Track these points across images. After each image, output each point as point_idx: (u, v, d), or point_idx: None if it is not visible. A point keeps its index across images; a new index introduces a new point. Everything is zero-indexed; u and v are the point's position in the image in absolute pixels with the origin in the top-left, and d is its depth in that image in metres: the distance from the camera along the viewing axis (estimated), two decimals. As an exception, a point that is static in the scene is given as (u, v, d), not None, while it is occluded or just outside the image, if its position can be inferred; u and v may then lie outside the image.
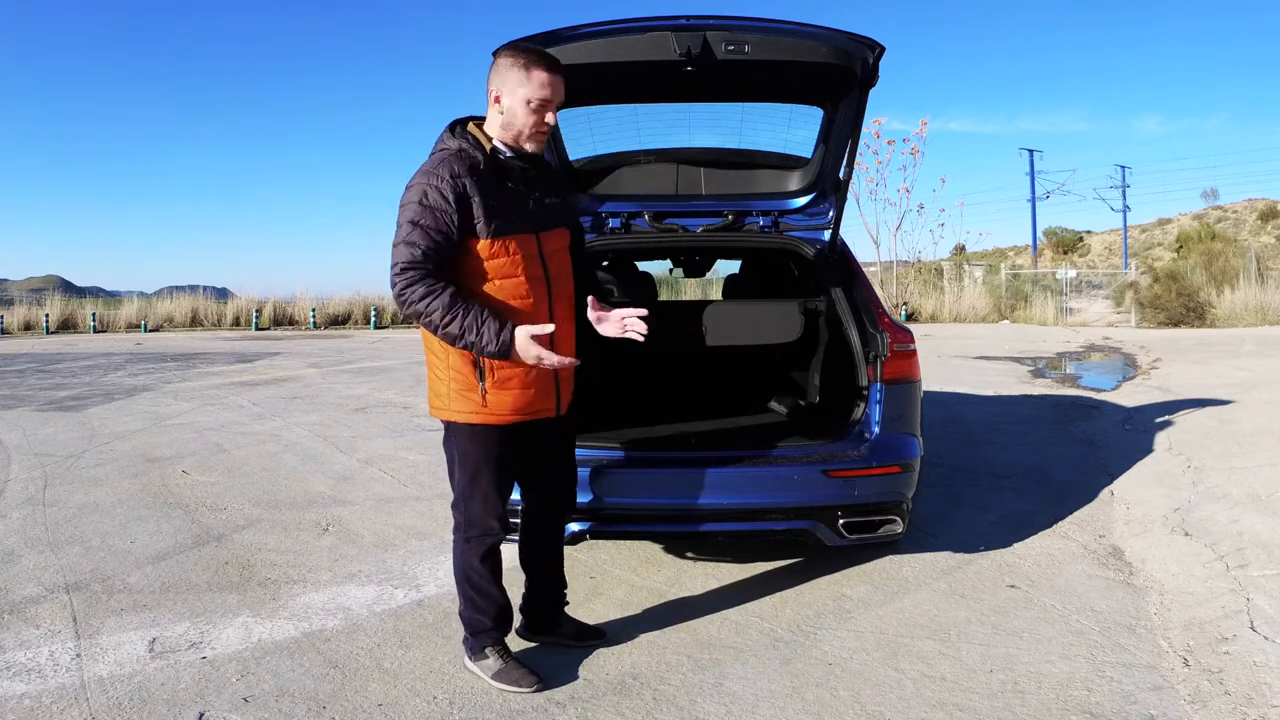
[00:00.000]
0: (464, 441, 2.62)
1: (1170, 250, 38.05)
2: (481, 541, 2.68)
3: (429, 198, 2.40)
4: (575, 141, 3.97)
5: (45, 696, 2.64)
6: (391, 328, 24.56)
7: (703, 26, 3.04)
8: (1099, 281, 26.24)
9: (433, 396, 2.65)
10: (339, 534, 4.29)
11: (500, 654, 2.72)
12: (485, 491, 2.65)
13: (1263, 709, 2.43)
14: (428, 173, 2.44)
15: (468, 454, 2.63)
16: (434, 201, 2.40)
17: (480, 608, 2.72)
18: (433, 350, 2.60)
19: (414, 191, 2.43)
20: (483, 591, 2.71)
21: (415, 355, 14.64)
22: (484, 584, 2.71)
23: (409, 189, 2.45)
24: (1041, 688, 2.63)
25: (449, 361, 2.55)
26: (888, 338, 3.41)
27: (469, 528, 2.68)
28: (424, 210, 2.39)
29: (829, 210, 3.95)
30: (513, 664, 2.71)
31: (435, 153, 2.53)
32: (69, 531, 4.33)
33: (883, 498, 3.26)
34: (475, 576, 2.70)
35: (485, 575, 2.70)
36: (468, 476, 2.65)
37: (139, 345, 17.93)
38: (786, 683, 2.70)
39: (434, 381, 2.63)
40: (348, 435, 6.87)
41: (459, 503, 2.70)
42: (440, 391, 2.60)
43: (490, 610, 2.72)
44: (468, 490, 2.66)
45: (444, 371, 2.57)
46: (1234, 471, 4.90)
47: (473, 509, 2.67)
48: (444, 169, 2.43)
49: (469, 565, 2.70)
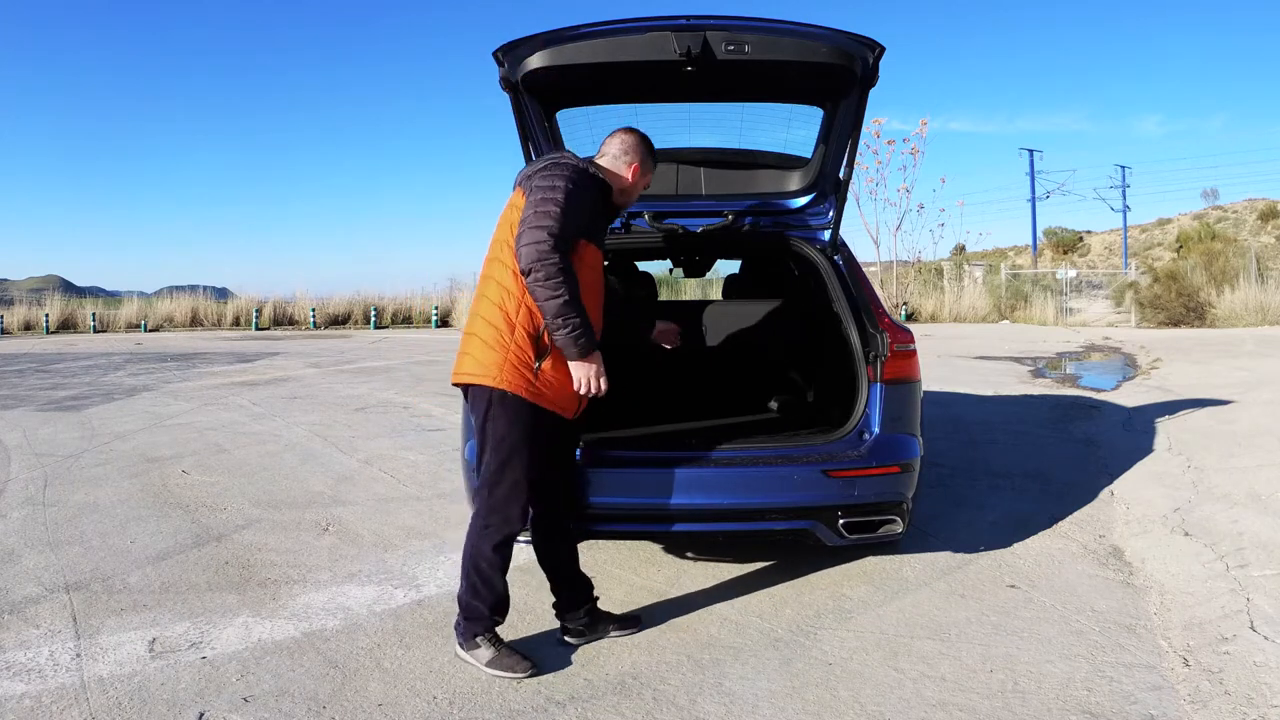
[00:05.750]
0: (504, 423, 2.67)
1: (1170, 250, 38.07)
2: (499, 530, 2.73)
3: (578, 196, 2.68)
4: (575, 141, 3.96)
5: (45, 696, 2.64)
6: (391, 327, 24.57)
7: (703, 26, 3.04)
8: (1099, 281, 26.25)
9: (475, 365, 2.68)
10: (339, 534, 4.29)
11: (492, 642, 2.77)
12: (515, 478, 2.70)
13: (1263, 709, 2.43)
14: (578, 177, 2.72)
15: (505, 437, 2.67)
16: (581, 201, 2.69)
17: (481, 595, 2.77)
18: (493, 321, 2.68)
19: (565, 183, 2.67)
20: (487, 580, 2.76)
21: (415, 355, 14.65)
22: (490, 573, 2.76)
23: (558, 178, 2.67)
24: (1041, 688, 2.63)
25: (514, 335, 2.65)
26: (888, 338, 3.41)
27: (490, 514, 2.73)
28: (574, 204, 2.65)
29: (829, 210, 3.94)
30: (505, 650, 2.77)
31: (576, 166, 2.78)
32: (69, 531, 4.33)
33: (883, 498, 3.26)
34: (484, 564, 2.74)
35: (494, 565, 2.75)
36: (500, 460, 2.69)
37: (139, 345, 17.93)
38: (786, 683, 2.70)
39: (484, 351, 2.67)
40: (348, 435, 6.87)
41: (483, 489, 2.74)
42: (491, 361, 2.66)
43: (490, 599, 2.77)
44: (497, 475, 2.70)
45: (505, 341, 2.65)
46: (1234, 471, 4.90)
47: (497, 494, 2.71)
48: (589, 181, 2.78)
49: (480, 552, 2.74)
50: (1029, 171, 37.34)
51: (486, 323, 2.69)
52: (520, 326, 2.66)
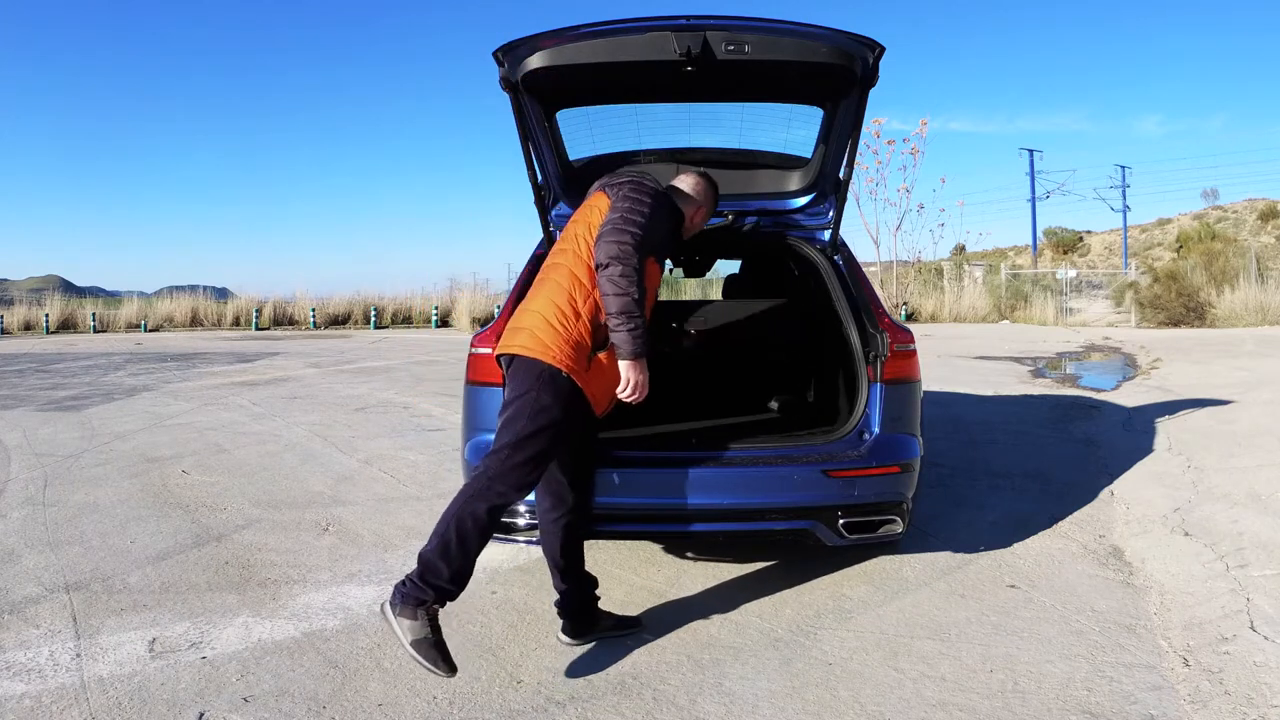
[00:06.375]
0: (549, 396, 2.69)
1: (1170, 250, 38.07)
2: (503, 496, 2.62)
3: (660, 216, 2.90)
4: (575, 141, 3.96)
5: (45, 696, 2.64)
6: (391, 327, 24.57)
7: (703, 26, 3.04)
8: (1099, 281, 26.27)
9: (532, 340, 2.74)
10: (339, 534, 4.29)
11: (431, 622, 2.54)
12: (541, 448, 2.68)
13: (1263, 709, 2.43)
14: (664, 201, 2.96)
15: (548, 408, 2.68)
16: (662, 221, 2.92)
17: (450, 555, 2.56)
18: (559, 304, 2.78)
19: (654, 201, 2.89)
20: (465, 541, 2.57)
21: (415, 355, 14.65)
22: (473, 535, 2.58)
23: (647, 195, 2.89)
24: (1041, 688, 2.63)
25: (578, 322, 2.77)
26: (888, 338, 3.41)
27: (501, 476, 2.62)
28: (657, 221, 2.87)
29: (829, 210, 3.94)
30: (438, 640, 2.53)
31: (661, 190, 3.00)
32: (69, 531, 4.33)
33: (883, 498, 3.26)
34: (470, 523, 2.58)
35: (480, 528, 2.60)
36: (536, 427, 2.66)
37: (139, 345, 17.93)
38: (786, 683, 2.70)
39: (546, 329, 2.75)
40: (348, 435, 6.87)
41: (503, 450, 2.65)
42: (551, 340, 2.73)
43: (457, 563, 2.57)
44: (524, 441, 2.65)
45: (568, 325, 2.75)
46: (1234, 471, 4.90)
47: (516, 459, 2.64)
48: (671, 207, 3.03)
49: (472, 511, 2.59)
50: (1029, 171, 37.38)
51: (552, 304, 2.79)
52: (585, 316, 2.77)
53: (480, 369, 3.39)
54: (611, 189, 2.94)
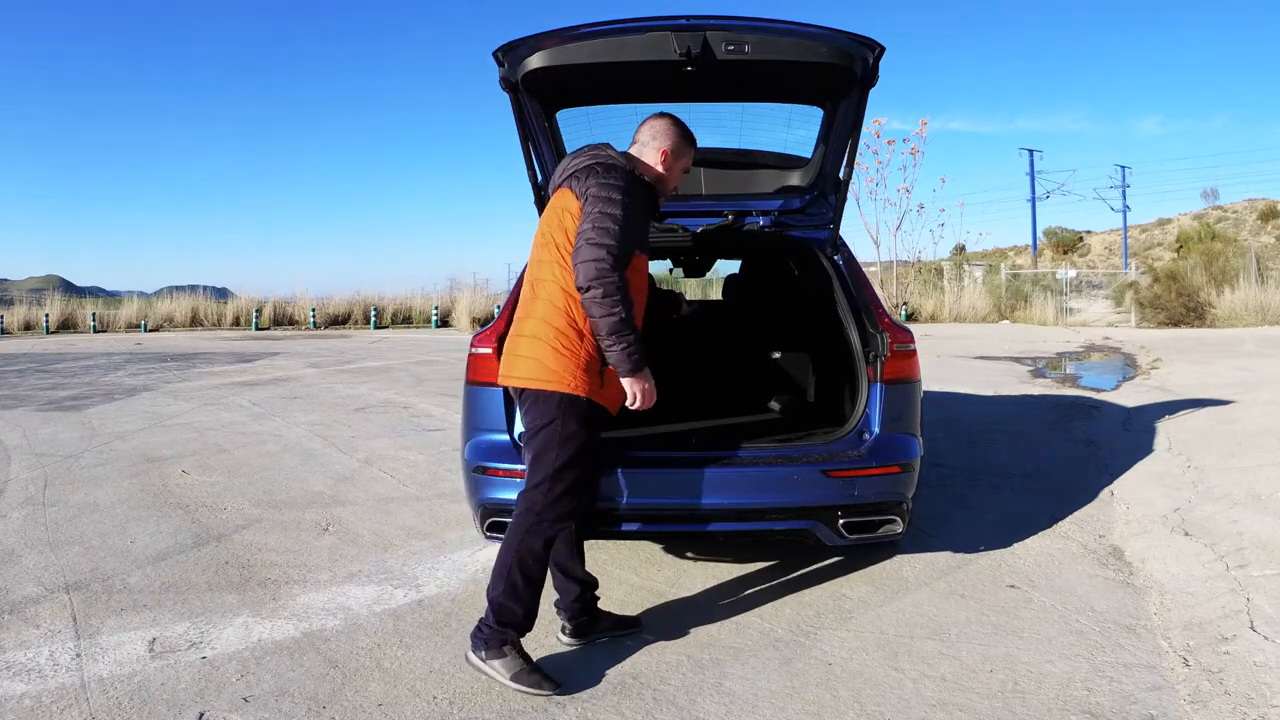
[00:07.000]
0: (574, 422, 2.68)
1: (1170, 250, 38.07)
2: (553, 526, 2.69)
3: (634, 209, 2.69)
4: (575, 141, 3.96)
5: (45, 696, 2.64)
6: (391, 327, 24.58)
7: (703, 26, 3.04)
8: (1099, 281, 26.27)
9: (543, 370, 2.67)
10: (339, 534, 4.29)
11: (520, 653, 2.68)
12: (580, 474, 2.70)
13: (1263, 709, 2.43)
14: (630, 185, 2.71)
15: (575, 434, 2.67)
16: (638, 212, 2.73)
17: (520, 596, 2.67)
18: (558, 326, 2.68)
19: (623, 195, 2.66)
20: (531, 579, 2.68)
21: (415, 355, 14.65)
22: (537, 572, 2.69)
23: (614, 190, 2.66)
24: (1041, 688, 2.63)
25: (584, 342, 2.68)
26: (888, 338, 3.41)
27: (548, 509, 2.67)
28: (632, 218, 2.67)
29: (829, 210, 3.94)
30: (533, 666, 2.68)
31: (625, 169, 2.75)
32: (69, 531, 4.33)
33: (883, 498, 3.26)
34: (532, 562, 2.68)
35: (542, 563, 2.71)
36: (569, 455, 2.67)
37: (139, 345, 17.93)
38: (786, 683, 2.70)
39: (551, 355, 2.67)
40: (348, 435, 6.87)
41: (544, 483, 2.68)
42: (563, 367, 2.66)
43: (528, 601, 2.69)
44: (561, 472, 2.67)
45: (574, 346, 2.67)
46: (1234, 471, 4.90)
47: (557, 490, 2.67)
48: (638, 186, 2.77)
49: (530, 548, 2.67)
50: (1029, 171, 37.40)
51: (549, 326, 2.68)
52: (588, 333, 2.68)
53: (480, 369, 3.39)
54: (576, 182, 2.74)
